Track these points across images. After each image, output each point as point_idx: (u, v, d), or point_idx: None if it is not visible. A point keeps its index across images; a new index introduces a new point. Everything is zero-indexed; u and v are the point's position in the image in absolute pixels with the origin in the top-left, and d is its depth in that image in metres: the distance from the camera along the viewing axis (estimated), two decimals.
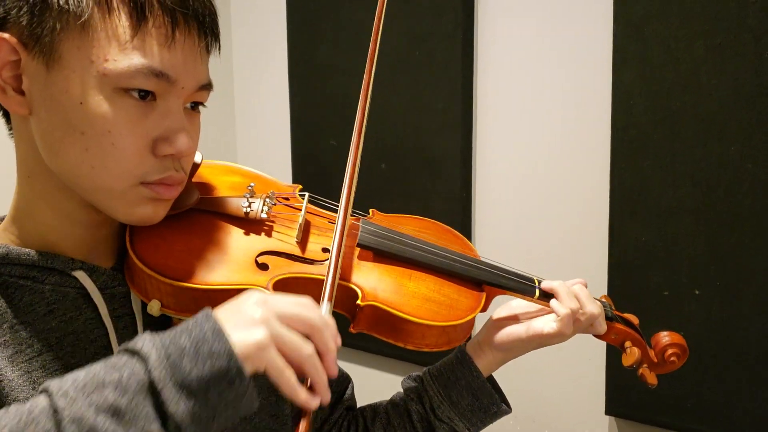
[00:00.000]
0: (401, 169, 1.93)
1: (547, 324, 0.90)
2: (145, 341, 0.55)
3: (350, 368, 2.12)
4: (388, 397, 1.03)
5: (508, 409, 0.96)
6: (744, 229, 1.46)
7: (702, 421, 1.54)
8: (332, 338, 0.63)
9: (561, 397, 1.80)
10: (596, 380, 1.71)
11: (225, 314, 0.59)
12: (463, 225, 1.87)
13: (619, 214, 1.61)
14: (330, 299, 0.71)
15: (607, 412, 1.69)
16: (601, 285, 1.66)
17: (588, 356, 1.72)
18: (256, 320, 0.58)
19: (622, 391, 1.65)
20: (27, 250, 0.73)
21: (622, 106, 1.57)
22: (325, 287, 0.72)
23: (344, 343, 2.21)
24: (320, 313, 0.63)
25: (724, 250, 1.48)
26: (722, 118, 1.45)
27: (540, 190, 1.79)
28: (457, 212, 1.87)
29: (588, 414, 1.76)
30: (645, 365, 0.98)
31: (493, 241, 1.87)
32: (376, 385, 2.09)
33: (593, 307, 0.91)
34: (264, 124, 2.36)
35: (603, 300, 0.99)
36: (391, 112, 1.94)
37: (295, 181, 2.17)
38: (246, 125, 2.43)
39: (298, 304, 0.62)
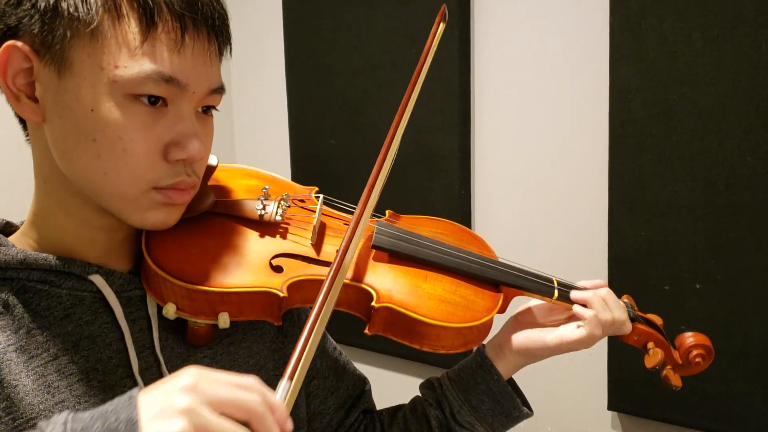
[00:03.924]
0: (400, 167, 1.92)
1: (574, 331, 0.89)
2: (58, 423, 0.52)
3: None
4: (405, 400, 1.02)
5: (529, 412, 0.94)
6: (744, 222, 1.46)
7: (705, 416, 1.55)
8: (276, 424, 0.55)
9: (563, 393, 1.80)
10: (598, 376, 1.72)
11: (148, 399, 0.53)
12: (462, 222, 1.86)
13: (618, 209, 1.61)
14: (291, 377, 0.62)
15: (610, 407, 1.69)
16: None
17: (590, 351, 1.72)
18: (177, 410, 0.51)
19: (624, 387, 1.65)
20: (44, 254, 0.73)
21: (620, 101, 1.57)
22: (289, 364, 0.63)
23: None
24: (261, 397, 0.55)
25: (724, 243, 1.49)
26: (720, 111, 1.46)
27: (539, 186, 1.79)
28: (456, 210, 1.87)
29: (590, 409, 1.76)
30: (669, 367, 0.96)
31: (493, 237, 1.86)
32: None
33: (620, 313, 0.90)
34: (262, 124, 2.36)
35: (625, 300, 0.97)
36: (388, 110, 1.93)
37: (293, 180, 2.16)
38: (244, 125, 2.42)
39: (236, 386, 0.54)
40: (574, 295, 0.91)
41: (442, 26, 0.95)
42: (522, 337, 0.92)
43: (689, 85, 1.48)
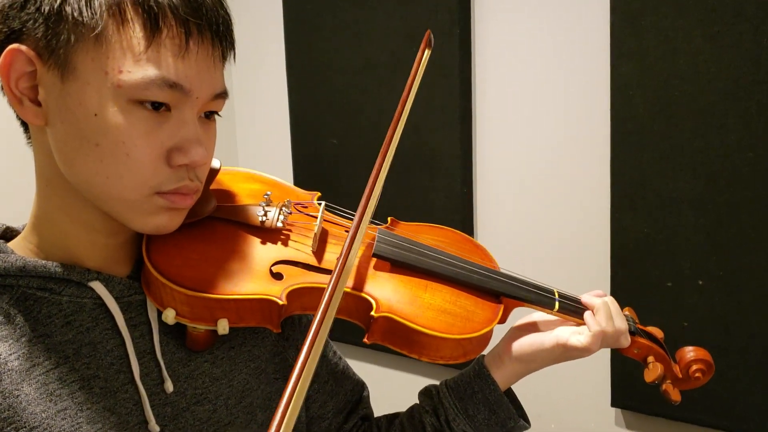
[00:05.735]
0: (401, 166, 1.93)
1: (574, 335, 0.88)
2: None
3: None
4: (405, 398, 1.02)
5: (526, 424, 0.93)
6: (745, 219, 1.46)
7: (707, 412, 1.55)
8: None
9: (567, 391, 1.80)
10: (601, 373, 1.72)
11: None
12: (464, 221, 1.87)
13: (619, 206, 1.61)
14: (294, 389, 0.63)
15: (613, 404, 1.69)
16: (603, 278, 1.66)
17: None
18: None
19: (627, 383, 1.66)
20: (43, 261, 0.73)
21: (621, 98, 1.57)
22: (292, 375, 0.63)
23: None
24: None
25: (726, 240, 1.49)
26: (721, 107, 1.45)
27: (540, 185, 1.79)
28: (458, 209, 1.87)
29: (594, 406, 1.76)
30: (668, 381, 0.95)
31: (495, 236, 1.88)
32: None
33: (621, 322, 0.90)
34: (264, 124, 2.36)
35: (626, 313, 0.96)
36: (389, 109, 1.93)
37: (295, 180, 2.16)
38: (246, 126, 2.42)
39: None
40: (584, 299, 0.91)
41: (427, 52, 0.94)
42: (520, 343, 0.91)
43: (690, 81, 1.48)
